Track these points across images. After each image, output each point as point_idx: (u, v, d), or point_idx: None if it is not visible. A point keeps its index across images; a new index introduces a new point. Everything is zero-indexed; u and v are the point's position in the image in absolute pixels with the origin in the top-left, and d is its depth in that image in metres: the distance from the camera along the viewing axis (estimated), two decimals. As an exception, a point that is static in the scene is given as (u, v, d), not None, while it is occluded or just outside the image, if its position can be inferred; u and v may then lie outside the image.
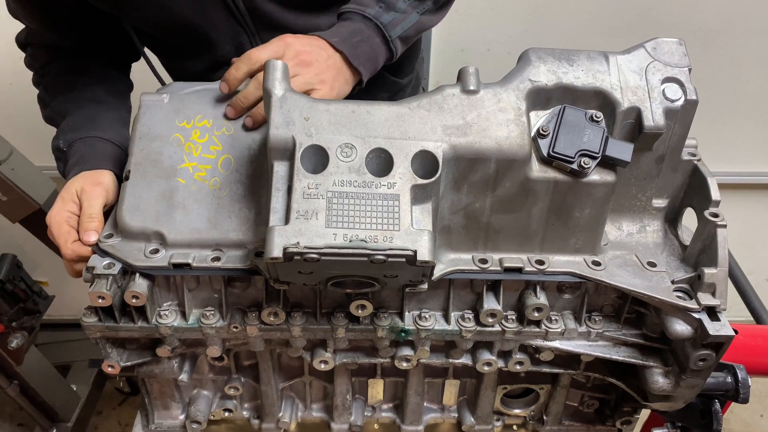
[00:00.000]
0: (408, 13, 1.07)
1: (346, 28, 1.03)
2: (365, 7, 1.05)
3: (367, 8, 1.05)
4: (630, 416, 1.10)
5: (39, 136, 1.94)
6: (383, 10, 1.05)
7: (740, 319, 1.19)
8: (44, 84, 1.12)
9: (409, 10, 1.08)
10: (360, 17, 1.04)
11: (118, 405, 2.43)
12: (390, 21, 1.05)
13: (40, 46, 1.13)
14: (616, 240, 0.93)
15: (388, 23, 1.05)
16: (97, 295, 0.83)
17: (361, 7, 1.05)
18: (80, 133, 1.02)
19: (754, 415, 2.41)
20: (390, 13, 1.06)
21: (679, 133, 0.87)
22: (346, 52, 0.99)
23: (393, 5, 1.06)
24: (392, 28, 1.06)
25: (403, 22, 1.07)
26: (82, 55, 1.12)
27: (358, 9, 1.05)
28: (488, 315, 0.89)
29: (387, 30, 1.05)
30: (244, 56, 0.95)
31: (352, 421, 1.12)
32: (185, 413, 1.10)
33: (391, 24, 1.05)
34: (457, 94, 0.83)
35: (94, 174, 0.96)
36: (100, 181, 0.95)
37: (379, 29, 1.04)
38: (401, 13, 1.07)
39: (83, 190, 0.94)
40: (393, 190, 0.76)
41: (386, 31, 1.05)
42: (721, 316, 0.83)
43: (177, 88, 0.98)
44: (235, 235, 0.87)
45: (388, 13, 1.06)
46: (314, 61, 0.96)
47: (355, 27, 1.04)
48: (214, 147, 0.91)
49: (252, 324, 0.90)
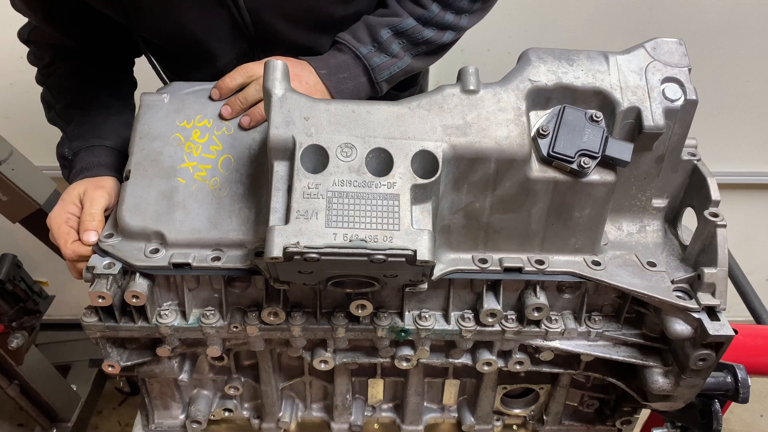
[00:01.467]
0: (399, 58, 1.08)
1: (335, 60, 1.06)
2: (359, 44, 1.07)
3: (361, 46, 1.07)
4: (630, 416, 1.10)
5: (39, 136, 1.94)
6: (376, 50, 1.07)
7: (740, 319, 1.19)
8: (48, 85, 1.12)
9: (401, 54, 1.08)
10: (351, 54, 1.06)
11: (118, 405, 2.43)
12: (379, 64, 1.07)
13: (44, 45, 1.12)
14: (616, 240, 0.93)
15: (377, 66, 1.07)
16: (97, 294, 0.83)
17: (355, 43, 1.07)
18: (85, 141, 1.03)
19: (754, 415, 2.41)
20: (381, 55, 1.07)
21: (679, 133, 0.87)
22: (331, 88, 1.03)
23: (386, 47, 1.07)
24: (380, 71, 1.07)
25: (392, 67, 1.08)
26: (85, 54, 1.12)
27: (352, 44, 1.06)
28: (488, 315, 0.89)
29: (374, 73, 1.07)
30: (240, 68, 0.98)
31: (352, 421, 1.12)
32: (185, 413, 1.10)
33: (379, 68, 1.07)
34: (457, 94, 0.83)
35: (97, 179, 0.97)
36: (103, 184, 0.96)
37: (367, 70, 1.06)
38: (392, 57, 1.08)
39: (86, 192, 0.95)
40: (393, 190, 0.76)
41: (374, 74, 1.07)
42: (720, 316, 0.83)
43: (177, 88, 0.98)
44: (235, 234, 0.87)
45: (379, 56, 1.07)
46: (305, 82, 1.01)
47: (344, 61, 1.06)
48: (214, 147, 0.91)
49: (252, 324, 0.90)
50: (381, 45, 1.07)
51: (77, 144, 1.03)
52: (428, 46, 1.11)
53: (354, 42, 1.07)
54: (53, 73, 1.12)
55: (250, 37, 1.08)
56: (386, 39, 1.07)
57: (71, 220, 0.93)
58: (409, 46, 1.09)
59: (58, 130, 1.12)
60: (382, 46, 1.07)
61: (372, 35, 1.07)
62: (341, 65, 1.05)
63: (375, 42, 1.07)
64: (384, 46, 1.07)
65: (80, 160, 1.02)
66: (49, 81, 1.12)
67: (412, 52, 1.10)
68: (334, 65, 1.05)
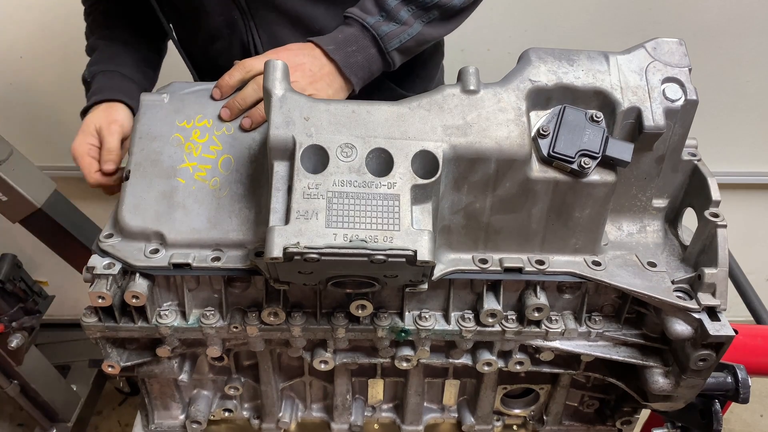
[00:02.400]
0: (409, 25, 1.05)
1: (342, 35, 1.04)
2: (366, 15, 1.04)
3: (368, 16, 1.04)
4: (630, 416, 1.10)
5: (39, 136, 1.94)
6: (383, 20, 1.04)
7: (740, 319, 1.19)
8: (88, 22, 1.25)
9: (410, 21, 1.05)
10: (359, 25, 1.04)
11: (118, 405, 2.43)
12: (388, 32, 1.03)
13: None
14: (616, 240, 0.93)
15: (385, 35, 1.03)
16: (97, 295, 0.83)
17: (362, 14, 1.04)
18: (101, 66, 1.15)
19: (754, 415, 2.41)
20: (390, 23, 1.04)
21: (679, 133, 0.87)
22: (339, 62, 1.01)
23: (395, 15, 1.04)
24: (389, 40, 1.04)
25: (402, 34, 1.05)
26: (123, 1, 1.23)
27: (359, 16, 1.04)
28: (488, 315, 0.89)
29: (383, 42, 1.03)
30: (238, 64, 0.99)
31: (352, 421, 1.12)
32: (185, 413, 1.10)
33: (388, 36, 1.03)
34: (457, 94, 0.83)
35: (109, 109, 1.08)
36: (115, 118, 1.06)
37: (376, 41, 1.03)
38: (401, 24, 1.04)
39: (101, 127, 1.05)
40: (393, 190, 0.76)
41: (383, 43, 1.03)
42: (721, 316, 0.83)
43: (177, 88, 0.98)
44: (235, 235, 0.87)
45: (387, 24, 1.04)
46: (308, 70, 0.99)
47: (352, 34, 1.03)
48: (214, 147, 0.91)
49: (252, 324, 0.90)
50: (389, 13, 1.04)
51: (95, 68, 1.15)
52: (440, 11, 1.06)
53: (361, 13, 1.04)
54: (94, 12, 1.24)
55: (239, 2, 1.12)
56: (394, 6, 1.03)
57: (92, 150, 1.05)
58: (419, 12, 1.05)
59: (58, 129, 1.14)
60: (390, 14, 1.04)
61: (379, 4, 1.04)
62: (349, 39, 1.03)
63: (383, 11, 1.04)
64: (392, 14, 1.03)
65: (96, 82, 1.13)
66: (89, 18, 1.24)
67: (423, 19, 1.06)
68: (341, 40, 1.02)
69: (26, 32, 1.79)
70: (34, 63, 1.85)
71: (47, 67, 1.86)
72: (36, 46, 1.82)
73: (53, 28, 1.13)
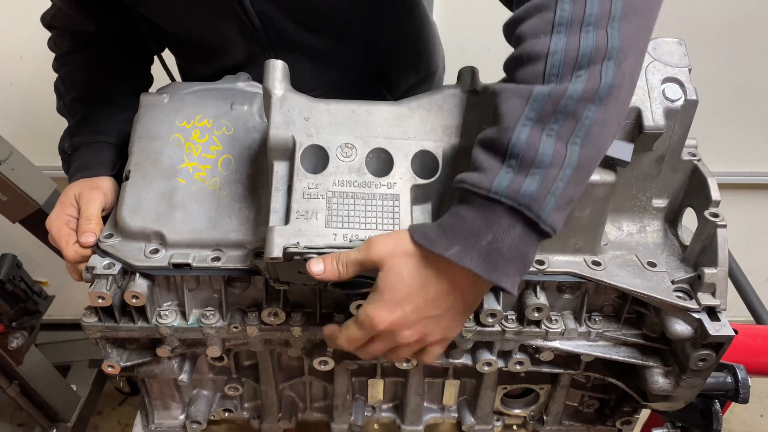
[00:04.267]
0: (559, 162, 0.62)
1: (464, 222, 0.64)
2: (485, 175, 0.64)
3: (488, 175, 0.63)
4: (630, 416, 1.10)
5: (39, 136, 1.94)
6: (514, 172, 0.63)
7: (740, 319, 1.19)
8: (62, 75, 1.11)
9: (560, 151, 0.62)
10: (481, 200, 0.64)
11: (118, 405, 2.43)
12: (534, 193, 0.62)
13: (64, 31, 1.10)
14: (616, 240, 0.93)
15: (532, 199, 0.62)
16: (97, 295, 0.83)
17: (478, 178, 0.64)
18: (85, 137, 1.02)
19: (754, 415, 2.41)
20: (528, 176, 0.62)
21: (679, 133, 0.87)
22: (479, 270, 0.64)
23: (531, 156, 0.62)
24: (540, 202, 0.62)
25: (556, 182, 0.63)
26: (104, 44, 1.10)
27: (476, 183, 0.64)
28: (488, 315, 0.89)
29: (533, 210, 0.63)
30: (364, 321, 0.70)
31: (352, 421, 1.12)
32: (185, 413, 1.10)
33: (535, 199, 0.62)
34: (458, 94, 0.83)
35: (93, 179, 0.97)
36: (98, 185, 0.96)
37: (519, 213, 0.63)
38: (545, 167, 0.62)
39: (81, 194, 0.95)
40: (393, 190, 0.76)
41: (532, 213, 0.63)
42: (721, 316, 0.83)
43: (177, 88, 0.98)
44: (235, 235, 0.87)
45: (523, 178, 0.62)
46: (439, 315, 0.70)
47: (477, 219, 0.64)
48: (214, 147, 0.91)
49: (252, 324, 0.90)
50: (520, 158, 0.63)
51: (77, 140, 1.02)
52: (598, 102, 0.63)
53: (475, 177, 0.64)
54: (68, 63, 1.10)
55: (260, 39, 1.05)
56: (526, 140, 0.62)
57: (71, 222, 0.93)
58: (564, 126, 0.63)
59: (58, 129, 1.12)
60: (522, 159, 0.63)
61: (497, 146, 0.64)
62: (476, 227, 0.64)
63: (509, 157, 0.63)
64: (525, 157, 0.62)
65: (79, 156, 1.01)
66: (63, 70, 1.10)
67: (577, 136, 0.63)
68: (465, 231, 0.64)
69: (26, 32, 1.79)
70: (34, 63, 1.85)
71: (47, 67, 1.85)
72: (36, 46, 1.82)
73: (52, 31, 1.13)
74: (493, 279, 0.64)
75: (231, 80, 1.02)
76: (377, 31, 1.10)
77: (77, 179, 0.98)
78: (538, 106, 0.63)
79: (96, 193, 0.94)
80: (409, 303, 0.68)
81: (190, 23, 1.03)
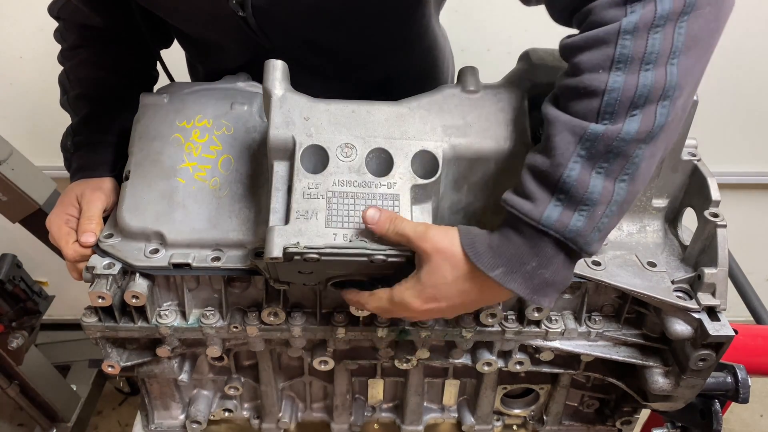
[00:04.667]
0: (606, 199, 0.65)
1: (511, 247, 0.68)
2: (535, 205, 0.66)
3: (538, 206, 0.66)
4: (630, 416, 1.10)
5: (39, 136, 1.94)
6: (563, 206, 0.65)
7: (740, 319, 1.19)
8: (67, 69, 1.09)
9: (608, 189, 0.65)
10: (530, 230, 0.67)
11: (118, 405, 2.42)
12: (581, 230, 0.65)
13: (71, 24, 1.09)
14: (616, 240, 0.93)
15: (576, 234, 0.65)
16: (97, 295, 0.83)
17: (531, 207, 0.66)
18: (88, 136, 1.02)
19: (754, 415, 2.41)
20: (576, 212, 0.65)
21: (680, 133, 0.87)
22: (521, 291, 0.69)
23: (581, 193, 0.64)
24: (585, 237, 0.66)
25: (601, 218, 0.66)
26: (110, 38, 1.08)
27: (526, 213, 0.66)
28: (488, 315, 0.89)
29: (576, 244, 0.66)
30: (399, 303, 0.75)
31: (352, 421, 1.12)
32: (185, 413, 1.10)
33: (581, 234, 0.66)
34: (457, 94, 0.83)
35: (96, 180, 0.97)
36: (100, 186, 0.96)
37: (563, 245, 0.67)
38: (593, 205, 0.65)
39: (83, 194, 0.95)
40: (393, 190, 0.76)
41: (576, 246, 0.66)
42: (721, 316, 0.83)
43: (177, 89, 0.98)
44: (235, 235, 0.87)
45: (572, 213, 0.65)
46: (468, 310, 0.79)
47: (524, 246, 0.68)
48: (214, 147, 0.91)
49: (252, 324, 0.90)
50: (569, 192, 0.65)
51: (80, 138, 1.02)
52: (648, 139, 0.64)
53: (527, 206, 0.67)
54: (74, 58, 1.08)
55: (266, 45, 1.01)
56: (577, 177, 0.64)
57: (71, 221, 0.93)
58: (615, 165, 0.64)
59: (58, 129, 1.12)
60: (570, 193, 0.65)
61: (549, 181, 0.66)
62: (522, 253, 0.68)
63: (559, 192, 0.65)
64: (574, 193, 0.65)
65: (81, 156, 1.01)
66: (69, 64, 1.09)
67: (626, 173, 0.65)
68: (512, 255, 0.68)
69: (26, 32, 1.79)
70: (34, 63, 1.85)
71: (47, 67, 1.85)
72: (36, 46, 1.82)
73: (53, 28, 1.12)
74: (535, 301, 0.70)
75: (231, 80, 1.02)
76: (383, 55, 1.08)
77: (79, 178, 0.98)
78: (590, 146, 0.64)
79: (98, 194, 0.94)
80: (447, 301, 0.74)
81: (190, 18, 1.02)
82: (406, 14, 1.00)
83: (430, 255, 0.71)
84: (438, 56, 1.20)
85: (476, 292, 0.72)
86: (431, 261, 0.71)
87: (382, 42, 1.03)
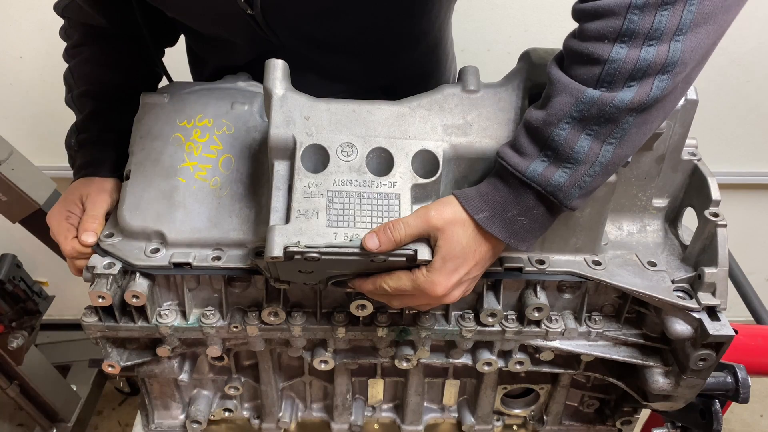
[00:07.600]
0: (591, 159, 0.69)
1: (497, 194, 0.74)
2: (522, 160, 0.72)
3: (526, 159, 0.71)
4: (630, 416, 1.10)
5: (39, 136, 1.94)
6: (549, 162, 0.70)
7: (740, 319, 1.19)
8: (71, 67, 1.09)
9: (594, 150, 0.69)
10: (516, 181, 0.72)
11: (118, 405, 2.42)
12: (562, 184, 0.70)
13: (76, 22, 1.09)
14: (617, 240, 0.93)
15: (559, 189, 0.71)
16: (97, 294, 0.83)
17: (517, 159, 0.72)
18: (91, 134, 1.02)
19: (754, 415, 2.41)
20: (560, 168, 0.70)
21: (680, 133, 0.87)
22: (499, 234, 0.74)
23: (567, 152, 0.69)
24: (566, 192, 0.71)
25: (584, 177, 0.70)
26: (115, 39, 1.09)
27: (512, 164, 0.72)
28: (488, 315, 0.89)
29: (558, 197, 0.71)
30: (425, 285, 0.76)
31: (352, 421, 1.12)
32: (185, 413, 1.10)
33: (562, 189, 0.71)
34: (458, 94, 0.83)
35: (101, 181, 0.98)
36: (106, 188, 0.96)
37: (546, 198, 0.72)
38: (577, 163, 0.69)
39: (89, 195, 0.95)
40: (393, 190, 0.76)
41: (557, 199, 0.71)
42: (721, 316, 0.83)
43: (177, 88, 0.98)
44: (235, 234, 0.87)
45: (557, 169, 0.70)
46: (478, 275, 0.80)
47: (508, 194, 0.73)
48: (214, 146, 0.91)
49: (252, 324, 0.90)
50: (557, 150, 0.70)
51: (83, 136, 1.02)
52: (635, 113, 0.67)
53: (515, 159, 0.72)
54: (78, 55, 1.09)
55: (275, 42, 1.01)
56: (565, 137, 0.69)
57: (71, 218, 0.93)
58: (604, 129, 0.68)
59: (58, 129, 1.12)
60: (558, 152, 0.70)
61: (540, 137, 0.71)
62: (505, 201, 0.73)
63: (546, 148, 0.70)
64: (563, 151, 0.69)
65: (85, 153, 1.01)
66: (73, 62, 1.09)
67: (613, 137, 0.69)
68: (496, 202, 0.74)
69: (26, 32, 1.79)
70: (34, 63, 1.85)
71: (47, 67, 1.86)
72: (36, 46, 1.82)
73: (53, 28, 1.12)
74: (513, 245, 0.75)
75: (231, 80, 1.02)
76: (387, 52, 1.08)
77: (82, 176, 0.99)
78: (584, 108, 0.67)
79: (104, 195, 0.95)
80: (465, 266, 0.76)
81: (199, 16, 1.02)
82: (419, 13, 1.00)
83: (442, 228, 0.74)
84: (441, 57, 1.20)
85: (483, 246, 0.76)
86: (444, 233, 0.74)
87: (389, 41, 1.04)
